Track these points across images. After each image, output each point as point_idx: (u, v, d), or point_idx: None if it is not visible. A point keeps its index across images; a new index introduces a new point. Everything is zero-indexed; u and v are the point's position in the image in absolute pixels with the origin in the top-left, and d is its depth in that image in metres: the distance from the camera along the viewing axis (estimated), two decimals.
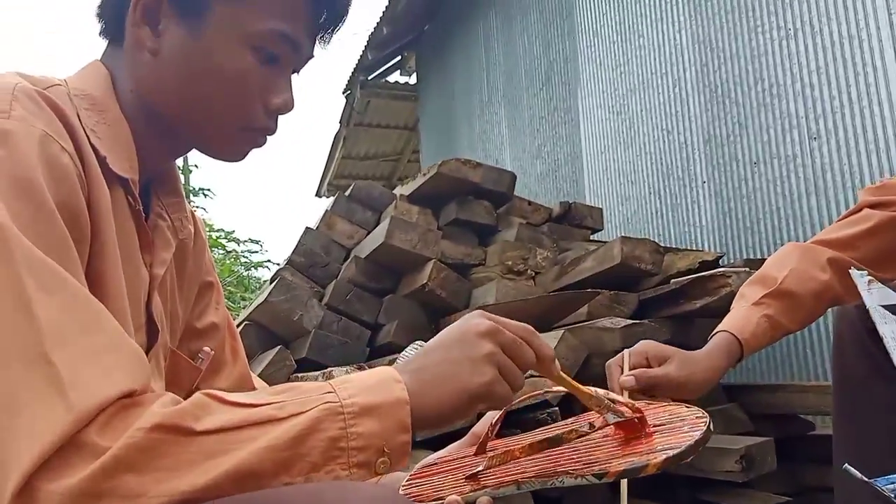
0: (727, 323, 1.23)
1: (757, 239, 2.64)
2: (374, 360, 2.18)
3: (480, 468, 0.80)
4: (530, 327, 0.71)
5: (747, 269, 1.78)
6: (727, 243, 2.78)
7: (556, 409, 1.60)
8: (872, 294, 1.04)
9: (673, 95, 3.18)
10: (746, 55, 2.76)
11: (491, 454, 0.81)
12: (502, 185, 2.64)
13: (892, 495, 0.86)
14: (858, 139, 2.29)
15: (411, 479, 0.87)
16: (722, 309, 2.00)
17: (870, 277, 1.06)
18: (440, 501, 0.77)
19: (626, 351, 1.10)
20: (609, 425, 0.77)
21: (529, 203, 2.74)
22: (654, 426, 0.78)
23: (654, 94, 3.31)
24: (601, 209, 2.79)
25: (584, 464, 0.74)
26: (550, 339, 1.70)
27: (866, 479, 0.88)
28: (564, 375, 0.77)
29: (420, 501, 0.78)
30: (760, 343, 1.21)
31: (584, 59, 3.90)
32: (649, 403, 0.87)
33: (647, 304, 1.96)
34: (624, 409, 0.77)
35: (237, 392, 0.60)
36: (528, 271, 2.38)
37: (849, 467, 0.90)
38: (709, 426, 0.72)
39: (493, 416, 0.87)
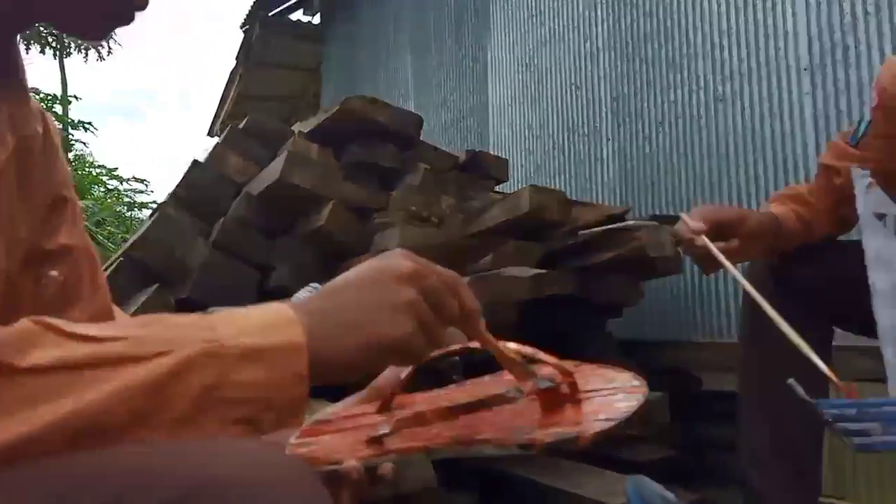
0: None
1: (657, 198, 2.66)
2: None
3: (386, 431, 0.70)
4: (457, 275, 0.61)
5: (656, 223, 1.76)
6: (628, 201, 2.78)
7: (457, 359, 1.52)
8: (869, 198, 1.01)
9: (583, 51, 3.14)
10: (659, 14, 2.74)
11: (399, 416, 0.72)
12: (408, 127, 2.52)
13: (830, 418, 0.83)
14: (763, 103, 2.32)
15: (302, 437, 0.76)
16: (631, 262, 2.00)
17: (871, 180, 1.02)
18: (336, 466, 0.67)
19: (681, 213, 1.19)
20: (539, 391, 0.69)
21: (436, 149, 2.64)
22: (586, 392, 0.70)
23: (564, 49, 3.26)
24: (507, 160, 2.73)
25: (507, 431, 0.65)
26: None
27: (809, 399, 0.85)
28: (489, 336, 0.68)
29: (312, 465, 0.68)
30: (793, 228, 1.23)
31: (494, 11, 3.80)
32: (578, 366, 0.80)
33: (553, 255, 1.91)
34: (553, 371, 0.69)
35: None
36: (432, 219, 2.29)
37: (793, 383, 0.87)
38: (645, 394, 0.65)
39: (399, 369, 0.77)
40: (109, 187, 10.30)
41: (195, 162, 2.48)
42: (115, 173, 10.49)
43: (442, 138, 4.14)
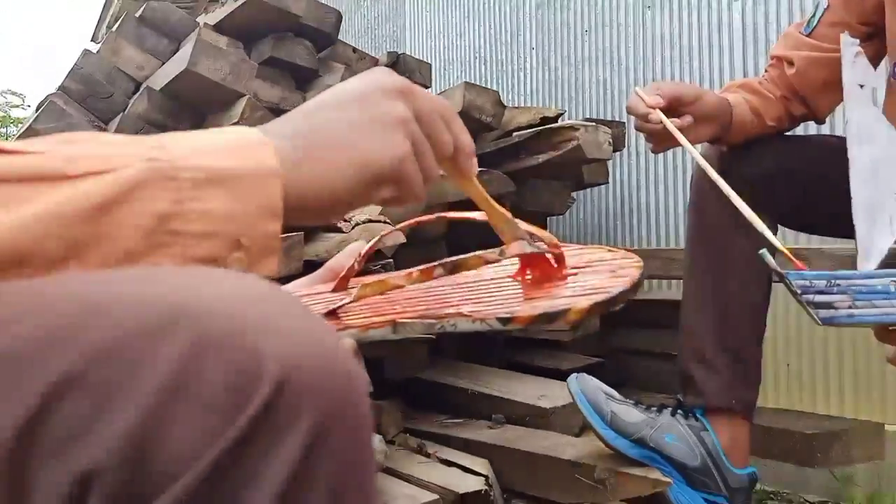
0: None
1: (584, 109, 2.61)
2: None
3: (346, 301, 0.61)
4: (448, 104, 0.52)
5: (594, 123, 1.70)
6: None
7: (391, 261, 1.44)
8: (856, 69, 0.97)
9: None
10: None
11: (362, 282, 0.62)
12: (327, 24, 2.34)
13: (798, 290, 0.81)
14: (692, 10, 2.28)
15: None
16: (565, 165, 1.95)
17: (859, 49, 0.98)
18: None
19: (636, 87, 1.15)
20: (524, 254, 0.61)
21: (354, 50, 2.48)
22: (575, 268, 0.63)
23: None
24: (430, 65, 2.59)
25: (485, 304, 0.57)
26: None
27: (779, 270, 0.83)
28: (479, 184, 0.60)
29: None
30: (745, 116, 1.19)
31: None
32: (566, 245, 0.73)
33: (484, 158, 1.83)
34: (540, 242, 0.62)
35: None
36: None
37: (765, 253, 0.84)
38: (641, 270, 0.58)
39: (356, 248, 0.68)
40: None
41: (86, 52, 2.23)
42: None
43: (356, 45, 3.93)
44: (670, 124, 1.05)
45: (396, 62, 2.53)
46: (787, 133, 1.29)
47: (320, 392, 0.28)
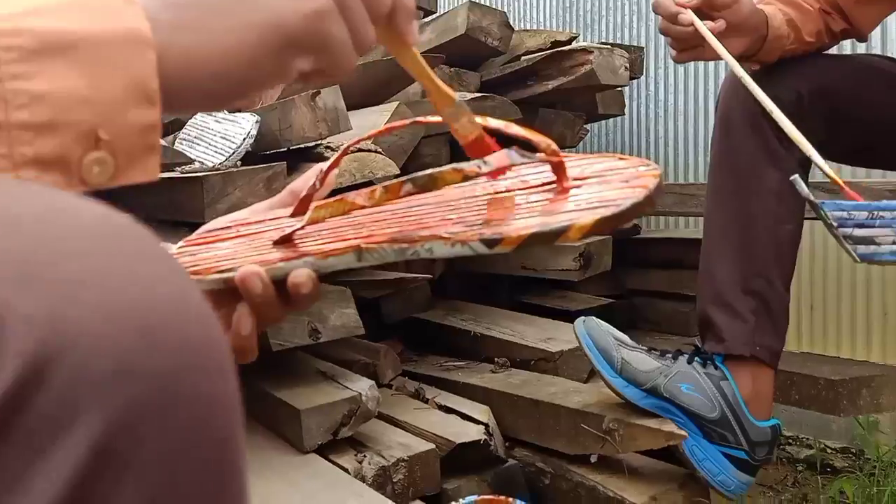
0: None
1: (604, 34, 2.44)
2: None
3: (300, 225, 0.51)
4: None
5: (609, 46, 1.56)
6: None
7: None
8: None
9: None
10: None
11: (318, 204, 0.52)
12: None
13: (834, 222, 0.70)
14: None
15: (186, 247, 0.57)
16: (578, 94, 1.81)
17: None
18: (226, 274, 0.48)
19: None
20: (510, 167, 0.50)
21: None
22: (579, 178, 0.52)
23: None
24: None
25: (467, 224, 0.47)
26: (380, 115, 1.40)
27: (813, 200, 0.73)
28: (421, 59, 0.49)
29: (197, 274, 0.48)
30: (781, 31, 1.05)
31: None
32: (568, 155, 0.61)
33: (490, 85, 1.70)
34: (532, 145, 0.51)
35: None
36: None
37: (797, 179, 0.74)
38: (659, 179, 0.47)
39: (319, 168, 0.57)
40: None
41: None
42: None
43: None
44: (703, 27, 0.92)
45: None
46: (827, 52, 1.15)
47: (124, 370, 0.17)
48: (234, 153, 1.15)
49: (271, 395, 1.20)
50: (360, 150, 1.24)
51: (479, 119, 0.54)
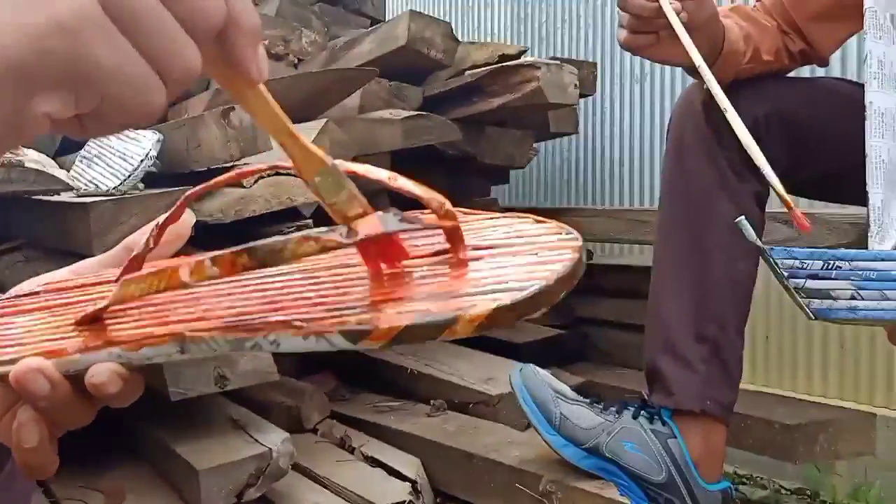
0: None
1: (554, 49, 2.35)
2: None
3: (103, 305, 0.39)
4: None
5: (558, 62, 1.46)
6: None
7: (310, 221, 1.20)
8: None
9: None
10: None
11: (128, 278, 0.40)
12: None
13: (784, 272, 0.61)
14: None
15: None
16: (529, 112, 1.71)
17: None
18: (3, 367, 0.36)
19: None
20: (384, 234, 0.37)
21: None
22: (479, 248, 0.41)
23: None
24: None
25: (327, 308, 0.36)
26: (310, 132, 1.27)
27: (760, 245, 0.63)
28: (271, 102, 0.36)
29: None
30: (738, 45, 0.95)
31: None
32: (469, 214, 0.50)
33: (434, 101, 1.59)
34: (415, 212, 0.39)
35: None
36: (290, 56, 1.89)
37: (743, 221, 0.64)
38: (580, 253, 0.36)
39: (156, 221, 0.44)
40: None
41: None
42: None
43: None
44: (669, 7, 0.81)
45: None
46: (787, 75, 1.06)
47: None
48: (130, 176, 1.02)
49: (171, 450, 1.06)
50: (278, 172, 1.12)
51: (354, 166, 0.42)
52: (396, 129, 1.27)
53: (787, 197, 0.69)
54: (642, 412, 0.99)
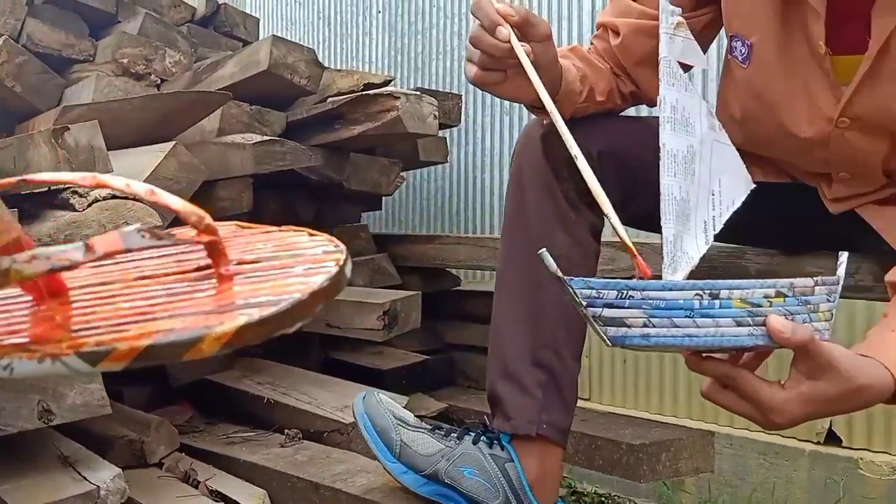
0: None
1: (428, 81, 2.40)
2: None
3: None
4: None
5: (419, 93, 1.48)
6: (396, 82, 2.50)
7: None
8: (675, 42, 0.79)
9: None
10: None
11: None
12: None
13: (583, 301, 0.63)
14: None
15: None
16: (389, 139, 1.72)
17: (680, 19, 0.80)
18: None
19: None
20: (122, 252, 0.37)
21: None
22: (244, 263, 0.41)
23: None
24: (258, 19, 2.30)
25: (68, 329, 0.35)
26: (153, 155, 1.24)
27: (561, 275, 0.65)
28: None
29: None
30: (574, 84, 0.98)
31: None
32: (242, 227, 0.50)
33: (296, 127, 1.58)
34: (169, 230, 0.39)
35: None
36: (153, 76, 1.83)
37: (544, 253, 0.66)
38: (341, 266, 0.37)
39: None
40: None
41: None
42: None
43: None
44: (520, 49, 0.83)
45: (216, 12, 2.21)
46: (620, 114, 1.12)
47: None
48: None
49: None
50: (114, 196, 1.07)
51: (111, 180, 0.41)
52: (248, 154, 1.25)
53: (627, 239, 0.73)
54: (483, 437, 1.01)
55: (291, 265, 0.38)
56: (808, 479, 1.61)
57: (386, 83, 1.66)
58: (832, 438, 1.61)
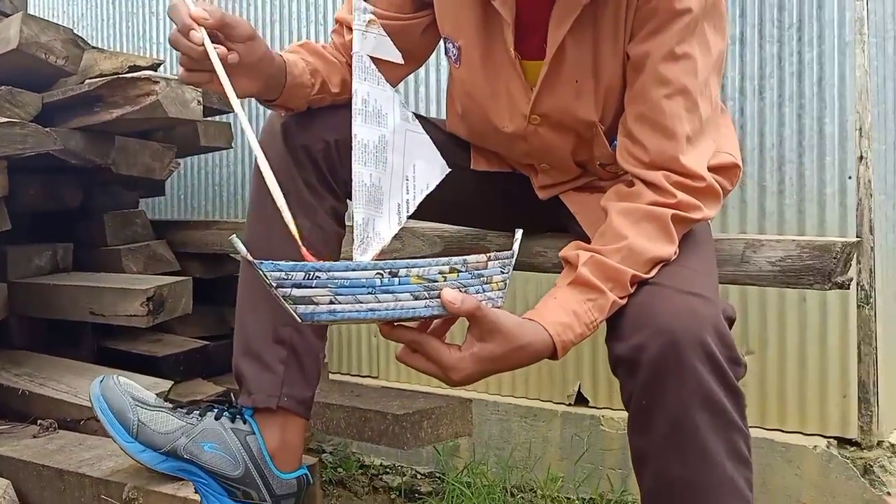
0: None
1: None
2: None
3: None
4: None
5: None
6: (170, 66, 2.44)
7: None
8: (368, 38, 0.85)
9: None
10: None
11: None
12: None
13: (274, 283, 0.69)
14: None
15: None
16: (145, 122, 1.68)
17: (371, 17, 0.86)
18: None
19: None
20: None
21: None
22: None
23: None
24: None
25: None
26: None
27: (251, 259, 0.71)
28: None
29: None
30: (302, 78, 1.02)
31: None
32: None
33: (54, 109, 1.52)
34: None
35: None
36: None
37: (235, 239, 0.73)
38: None
39: None
40: None
41: None
42: None
43: None
44: (213, 52, 0.85)
45: None
46: None
47: None
48: None
49: None
50: None
51: None
52: None
53: (295, 231, 0.80)
54: (225, 413, 1.05)
55: None
56: (560, 437, 1.80)
57: (154, 66, 1.64)
58: (581, 400, 1.81)
